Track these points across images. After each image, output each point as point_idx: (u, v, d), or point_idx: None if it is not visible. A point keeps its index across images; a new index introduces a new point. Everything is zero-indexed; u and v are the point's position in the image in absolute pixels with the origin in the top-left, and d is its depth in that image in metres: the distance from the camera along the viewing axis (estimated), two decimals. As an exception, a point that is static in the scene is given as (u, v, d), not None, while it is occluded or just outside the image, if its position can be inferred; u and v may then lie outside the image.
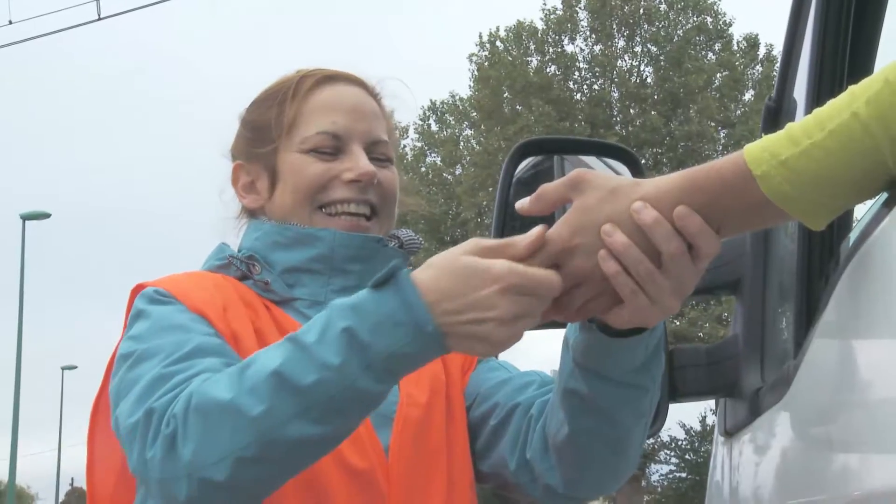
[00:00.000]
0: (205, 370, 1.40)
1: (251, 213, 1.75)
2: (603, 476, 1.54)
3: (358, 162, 1.65)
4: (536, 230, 1.27)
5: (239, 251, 1.70)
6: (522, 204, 1.32)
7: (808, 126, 1.11)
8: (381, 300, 1.29)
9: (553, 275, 1.26)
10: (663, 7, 29.92)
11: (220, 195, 1.79)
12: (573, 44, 30.23)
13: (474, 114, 30.74)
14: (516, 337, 1.29)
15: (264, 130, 1.71)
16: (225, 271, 1.65)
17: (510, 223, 1.90)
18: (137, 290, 1.59)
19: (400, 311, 1.28)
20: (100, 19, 16.27)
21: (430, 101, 32.92)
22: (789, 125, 1.14)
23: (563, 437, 1.49)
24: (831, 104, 1.11)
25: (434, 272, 1.29)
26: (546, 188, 1.29)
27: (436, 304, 1.27)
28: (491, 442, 1.64)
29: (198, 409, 1.32)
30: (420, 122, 32.87)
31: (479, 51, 30.43)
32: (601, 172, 1.28)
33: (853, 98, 1.08)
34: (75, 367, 41.98)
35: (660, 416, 1.94)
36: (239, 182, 1.75)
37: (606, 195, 1.25)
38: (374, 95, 1.75)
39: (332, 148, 1.66)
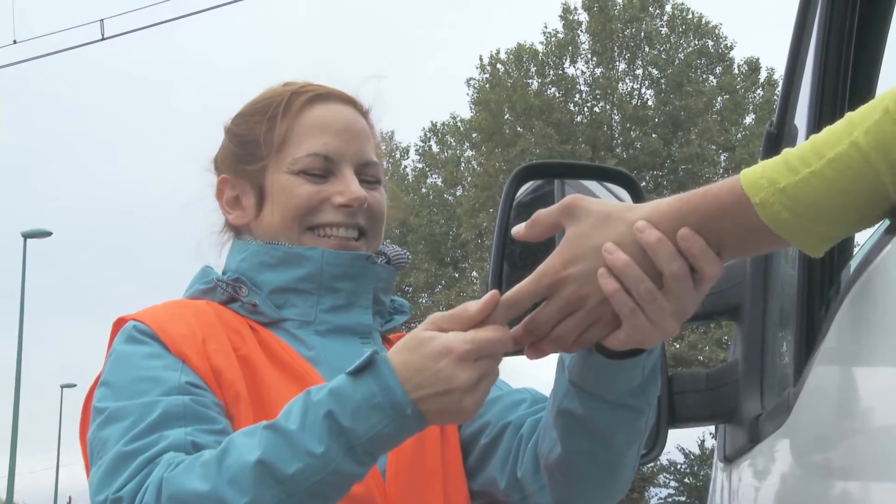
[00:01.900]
0: (170, 447, 1.38)
1: (235, 228, 1.73)
2: (594, 497, 1.54)
3: (349, 186, 1.64)
4: (488, 295, 1.31)
5: (224, 273, 1.68)
6: (518, 230, 1.33)
7: (805, 153, 1.11)
8: (360, 384, 1.31)
9: (502, 331, 1.30)
10: (664, 30, 30.03)
11: (202, 208, 1.77)
12: (574, 66, 30.35)
13: (475, 135, 30.80)
14: (484, 397, 1.32)
15: (253, 146, 1.69)
16: (210, 296, 1.64)
17: (510, 246, 1.89)
18: (119, 323, 1.58)
19: (378, 394, 1.30)
20: (103, 39, 16.30)
21: (431, 122, 33.03)
22: (786, 151, 1.14)
23: (556, 458, 1.49)
24: (829, 131, 1.10)
25: (402, 352, 1.32)
26: (540, 214, 1.30)
27: (406, 382, 1.30)
28: (481, 460, 1.64)
29: (173, 499, 1.31)
30: (421, 143, 32.96)
31: (479, 74, 30.54)
32: (595, 199, 1.28)
33: (852, 126, 1.08)
34: (74, 386, 41.88)
35: (659, 441, 1.94)
36: (224, 196, 1.73)
37: (599, 221, 1.25)
38: (363, 113, 1.74)
39: (323, 170, 1.65)
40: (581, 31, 30.15)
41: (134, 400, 1.44)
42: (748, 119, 29.72)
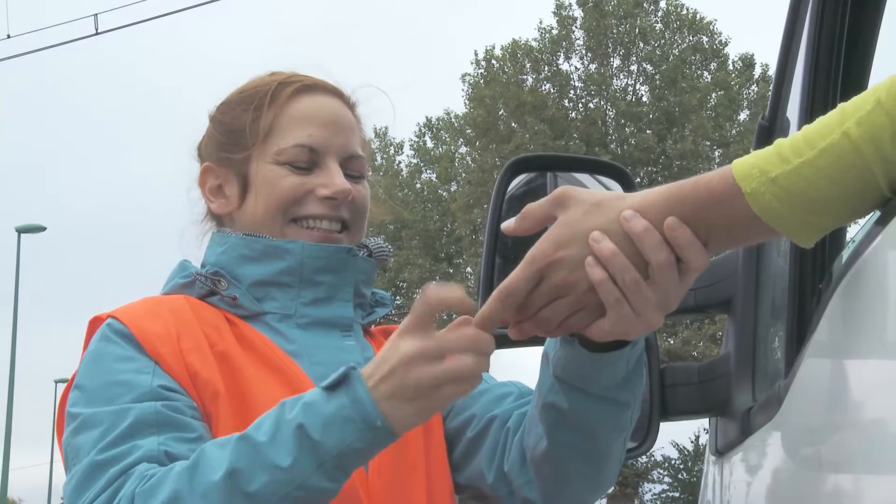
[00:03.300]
0: (143, 458, 1.38)
1: (216, 217, 1.72)
2: (581, 490, 1.54)
3: (333, 179, 1.63)
4: (456, 322, 1.33)
5: (202, 266, 1.67)
6: (508, 225, 1.32)
7: (797, 144, 1.11)
8: (332, 398, 1.31)
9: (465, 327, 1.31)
10: (659, 26, 30.05)
11: (186, 194, 1.75)
12: (568, 62, 30.36)
13: (469, 131, 30.81)
14: (436, 378, 1.30)
15: (237, 135, 1.68)
16: (189, 290, 1.62)
17: (502, 240, 1.89)
18: (94, 322, 1.57)
19: (349, 406, 1.30)
20: (97, 34, 16.29)
21: (426, 117, 33.05)
22: (778, 141, 1.14)
23: (542, 452, 1.48)
24: (821, 121, 1.10)
25: (374, 361, 1.32)
26: (530, 207, 1.29)
27: (373, 386, 1.30)
28: (468, 454, 1.63)
29: None
30: (415, 139, 32.97)
31: (474, 69, 30.55)
32: (585, 189, 1.28)
33: (844, 117, 1.08)
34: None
35: (650, 435, 1.94)
36: (206, 184, 1.72)
37: (591, 209, 1.24)
38: (350, 106, 1.73)
39: (308, 161, 1.64)
40: (576, 28, 30.16)
41: (106, 406, 1.43)
42: (743, 115, 29.76)
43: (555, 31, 30.28)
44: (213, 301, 1.61)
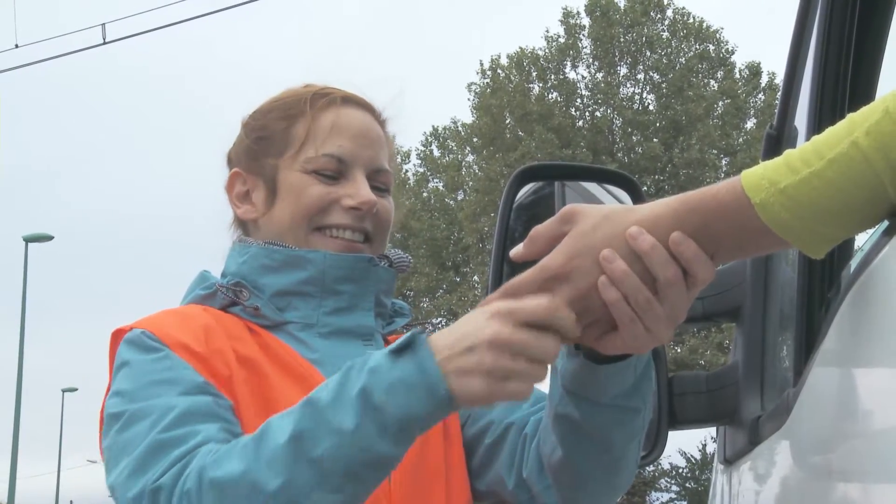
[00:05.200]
0: (206, 440, 1.37)
1: (242, 224, 1.73)
2: (599, 494, 1.54)
3: (359, 190, 1.65)
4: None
5: (223, 276, 1.68)
6: (517, 251, 1.31)
7: (806, 154, 1.11)
8: (398, 364, 1.28)
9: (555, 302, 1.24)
10: (666, 34, 30.05)
11: (206, 201, 1.77)
12: (575, 71, 30.37)
13: (476, 140, 30.82)
14: (509, 372, 1.25)
15: (268, 142, 1.69)
16: (210, 301, 1.63)
17: (510, 248, 1.89)
18: (118, 334, 1.56)
19: (414, 375, 1.26)
20: (105, 43, 16.33)
21: (433, 126, 33.04)
22: (787, 152, 1.14)
23: (558, 459, 1.49)
24: (830, 132, 1.11)
25: (452, 333, 1.28)
26: (537, 229, 1.28)
27: (440, 353, 1.26)
28: (487, 461, 1.64)
29: (213, 485, 1.30)
30: (422, 148, 32.98)
31: (479, 79, 30.56)
32: (592, 204, 1.28)
33: (853, 127, 1.08)
34: (75, 390, 41.87)
35: (659, 443, 1.94)
36: (234, 190, 1.73)
37: (600, 221, 1.24)
38: (380, 122, 1.74)
39: (335, 171, 1.65)
40: (583, 36, 30.17)
41: (153, 401, 1.42)
42: (749, 123, 29.73)
43: (562, 40, 30.29)
44: (235, 311, 1.62)
